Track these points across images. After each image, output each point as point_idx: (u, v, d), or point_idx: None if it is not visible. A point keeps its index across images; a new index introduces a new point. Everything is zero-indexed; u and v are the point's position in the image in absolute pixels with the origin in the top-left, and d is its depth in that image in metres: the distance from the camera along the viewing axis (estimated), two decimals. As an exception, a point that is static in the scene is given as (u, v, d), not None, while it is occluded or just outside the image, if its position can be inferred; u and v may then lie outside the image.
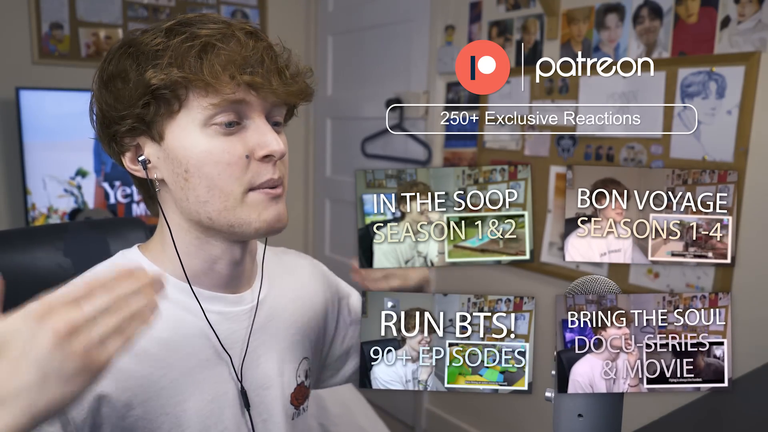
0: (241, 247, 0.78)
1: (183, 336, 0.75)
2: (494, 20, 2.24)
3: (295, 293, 0.90)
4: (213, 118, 0.70)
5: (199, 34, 0.69)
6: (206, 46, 0.68)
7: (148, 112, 0.70)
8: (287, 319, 0.87)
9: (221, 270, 0.78)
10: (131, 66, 0.70)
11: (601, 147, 1.93)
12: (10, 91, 2.33)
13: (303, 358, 0.88)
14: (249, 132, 0.71)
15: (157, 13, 2.71)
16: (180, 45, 0.68)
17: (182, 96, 0.69)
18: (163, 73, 0.68)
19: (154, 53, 0.69)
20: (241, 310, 0.80)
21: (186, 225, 0.75)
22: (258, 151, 0.71)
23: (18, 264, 0.91)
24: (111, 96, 0.71)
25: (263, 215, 0.72)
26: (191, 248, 0.76)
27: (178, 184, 0.72)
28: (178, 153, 0.71)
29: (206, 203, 0.71)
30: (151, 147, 0.72)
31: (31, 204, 2.34)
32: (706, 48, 1.69)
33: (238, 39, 0.70)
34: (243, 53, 0.69)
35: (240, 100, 0.70)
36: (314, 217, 3.24)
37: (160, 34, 0.70)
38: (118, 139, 0.74)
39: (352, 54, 2.92)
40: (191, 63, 0.68)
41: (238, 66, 0.69)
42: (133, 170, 0.75)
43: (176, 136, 0.71)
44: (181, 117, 0.70)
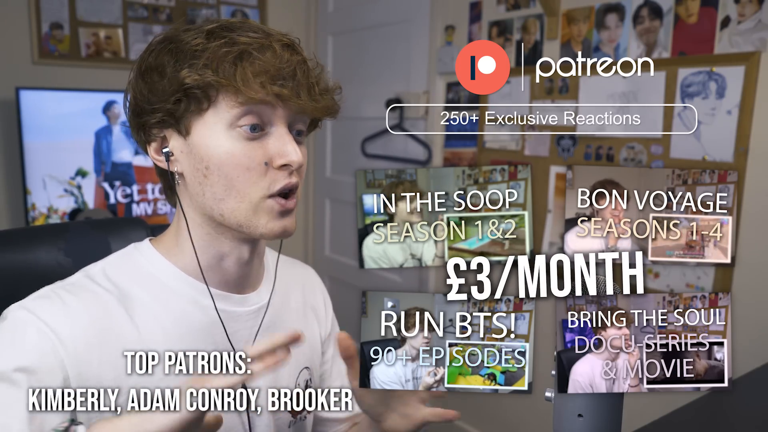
0: (250, 247, 0.79)
1: (188, 330, 0.76)
2: (494, 20, 2.24)
3: (300, 305, 0.92)
4: (239, 119, 0.72)
5: (237, 41, 0.71)
6: (243, 53, 0.71)
7: (179, 108, 0.72)
8: (290, 327, 0.87)
9: (228, 267, 0.79)
10: (169, 62, 0.72)
11: (601, 147, 1.93)
12: (10, 91, 2.33)
13: (303, 368, 0.89)
14: (271, 140, 0.73)
15: (157, 13, 2.71)
16: (218, 49, 0.71)
17: (212, 96, 0.72)
18: (198, 74, 0.70)
19: (193, 53, 0.71)
20: (244, 311, 0.81)
21: (199, 219, 0.77)
22: (277, 160, 0.73)
23: (19, 264, 0.91)
24: (146, 87, 0.73)
25: (270, 224, 0.74)
26: (202, 243, 0.78)
27: (196, 179, 0.74)
28: (201, 150, 0.73)
29: (221, 201, 0.73)
30: (177, 140, 0.75)
31: (31, 204, 2.34)
32: (706, 48, 1.69)
33: (274, 50, 0.72)
34: (277, 64, 0.71)
35: (266, 104, 0.72)
36: (314, 217, 3.24)
37: (201, 35, 0.72)
38: (146, 129, 0.76)
39: (352, 54, 2.92)
40: (226, 68, 0.70)
41: (270, 76, 0.71)
42: (157, 160, 0.77)
43: (202, 133, 0.73)
44: (209, 116, 0.72)
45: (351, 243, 2.88)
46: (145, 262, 0.79)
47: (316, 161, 3.17)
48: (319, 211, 3.20)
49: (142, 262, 0.79)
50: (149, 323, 0.74)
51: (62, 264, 0.93)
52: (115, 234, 0.99)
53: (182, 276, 0.78)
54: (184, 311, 0.77)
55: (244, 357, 0.75)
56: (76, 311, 0.71)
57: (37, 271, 0.91)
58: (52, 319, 0.69)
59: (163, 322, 0.75)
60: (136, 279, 0.77)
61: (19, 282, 0.89)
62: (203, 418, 0.59)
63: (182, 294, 0.77)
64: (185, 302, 0.77)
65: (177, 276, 0.78)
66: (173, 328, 0.75)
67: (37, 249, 0.93)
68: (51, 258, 0.93)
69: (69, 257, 0.94)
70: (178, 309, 0.76)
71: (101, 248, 0.95)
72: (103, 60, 2.63)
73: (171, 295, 0.77)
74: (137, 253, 0.80)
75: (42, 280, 0.78)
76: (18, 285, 0.87)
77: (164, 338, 0.74)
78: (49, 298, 0.72)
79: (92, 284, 0.76)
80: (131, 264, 0.79)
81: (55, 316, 0.70)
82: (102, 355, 0.70)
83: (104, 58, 2.63)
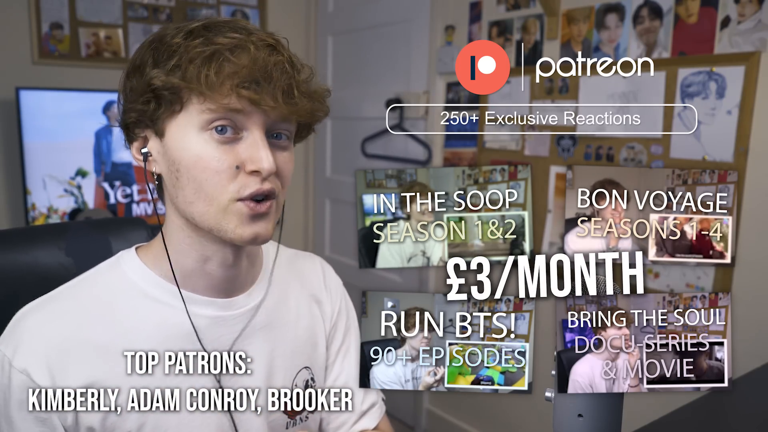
0: (234, 250, 0.78)
1: (166, 337, 0.76)
2: (494, 20, 2.24)
3: (302, 300, 0.90)
4: (210, 123, 0.70)
5: (213, 41, 0.69)
6: (214, 54, 0.68)
7: (148, 109, 0.71)
8: (286, 326, 0.86)
9: (212, 271, 0.78)
10: (149, 61, 0.71)
11: (601, 147, 1.93)
12: (10, 91, 2.33)
13: (303, 368, 0.87)
14: (244, 145, 0.71)
15: (157, 13, 2.71)
16: (192, 49, 0.69)
17: (184, 98, 0.70)
18: (165, 75, 0.69)
19: (170, 53, 0.70)
20: (231, 314, 0.80)
21: (180, 222, 0.76)
22: (248, 165, 0.71)
23: (20, 264, 0.91)
24: (128, 86, 0.73)
25: (239, 230, 0.72)
26: (184, 246, 0.77)
27: (171, 181, 0.73)
28: (174, 152, 0.72)
29: (191, 204, 0.72)
30: (154, 141, 0.74)
31: (31, 204, 2.34)
32: (706, 48, 1.69)
33: (248, 51, 0.69)
34: (249, 66, 0.69)
35: (237, 110, 0.70)
36: (314, 217, 3.24)
37: (181, 34, 0.70)
38: (129, 128, 0.76)
39: (352, 54, 2.92)
40: (192, 70, 0.68)
41: (239, 78, 0.68)
42: (137, 159, 0.77)
43: (174, 135, 0.72)
44: (182, 118, 0.71)
45: (351, 243, 2.88)
46: (128, 269, 0.79)
47: (316, 161, 3.17)
48: (319, 211, 3.20)
49: (126, 270, 0.79)
50: (127, 333, 0.75)
51: (63, 264, 0.93)
52: (115, 234, 0.99)
53: (162, 283, 0.77)
54: (163, 318, 0.76)
55: (244, 357, 0.75)
56: (46, 327, 0.73)
57: (37, 271, 0.91)
58: (21, 362, 0.71)
59: (142, 331, 0.75)
60: (117, 287, 0.77)
61: (19, 282, 0.89)
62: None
63: (162, 301, 0.77)
64: (164, 309, 0.77)
65: (156, 283, 0.77)
66: (152, 336, 0.75)
67: (37, 249, 0.93)
68: (51, 258, 0.93)
69: (69, 257, 0.94)
70: (156, 316, 0.76)
71: (101, 248, 0.95)
72: (103, 60, 2.63)
73: (150, 302, 0.77)
74: (121, 262, 0.80)
75: (42, 280, 0.78)
76: (18, 285, 0.87)
77: (144, 345, 0.74)
78: (13, 333, 0.73)
79: (73, 294, 0.77)
80: (115, 273, 0.79)
81: (22, 354, 0.71)
82: (77, 366, 0.72)
83: (104, 58, 2.63)
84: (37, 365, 0.70)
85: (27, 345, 0.71)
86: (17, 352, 0.71)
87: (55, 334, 0.72)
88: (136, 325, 0.75)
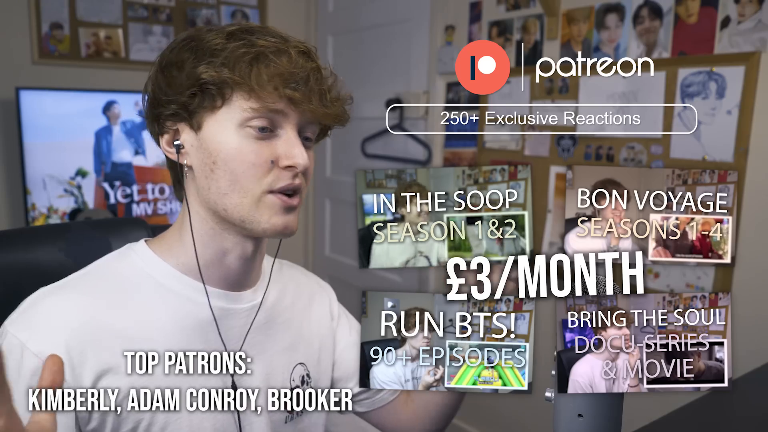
0: (254, 244, 0.81)
1: (181, 328, 0.77)
2: (494, 20, 2.24)
3: (295, 302, 0.93)
4: (249, 120, 0.74)
5: (256, 43, 0.74)
6: (259, 55, 0.73)
7: (193, 102, 0.75)
8: (283, 324, 0.89)
9: (230, 264, 0.80)
10: (189, 58, 0.75)
11: (601, 147, 1.93)
12: (10, 91, 2.33)
13: (298, 363, 0.89)
14: (279, 141, 0.75)
15: (157, 13, 2.71)
16: (237, 49, 0.73)
17: (227, 94, 0.74)
18: (215, 71, 0.73)
19: (212, 51, 0.74)
20: (239, 308, 0.83)
21: (204, 214, 0.78)
22: (283, 161, 0.75)
23: (20, 264, 0.91)
24: (164, 80, 0.76)
25: (272, 219, 0.76)
26: (206, 238, 0.79)
27: (204, 173, 0.76)
28: (211, 145, 0.75)
29: (225, 196, 0.75)
30: (188, 134, 0.77)
31: (31, 204, 2.34)
32: (706, 48, 1.69)
33: (290, 55, 0.74)
34: (291, 69, 0.74)
35: (278, 111, 0.74)
36: (314, 217, 3.24)
37: (221, 36, 0.75)
38: (160, 121, 0.78)
39: (352, 54, 2.92)
40: (242, 67, 0.73)
41: (283, 79, 0.73)
42: (168, 152, 0.79)
43: (213, 129, 0.75)
44: (222, 113, 0.75)
45: (351, 243, 2.88)
46: (139, 260, 0.80)
47: (316, 161, 3.17)
48: (319, 211, 3.20)
49: (137, 260, 0.80)
50: (142, 321, 0.75)
51: (63, 264, 0.93)
52: (115, 234, 0.99)
53: (177, 274, 0.79)
54: (178, 308, 0.78)
55: (244, 357, 0.76)
56: (65, 312, 0.73)
57: (37, 271, 0.91)
58: (37, 345, 0.70)
59: (157, 320, 0.76)
60: (130, 277, 0.78)
61: (19, 282, 0.89)
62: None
63: (176, 292, 0.79)
64: (179, 300, 0.79)
65: (172, 274, 0.79)
66: (167, 326, 0.77)
67: (37, 249, 0.93)
68: (51, 258, 0.93)
69: (69, 257, 0.94)
70: (171, 306, 0.78)
71: (101, 248, 0.95)
72: (103, 60, 2.63)
73: (165, 292, 0.78)
74: (132, 252, 0.81)
75: (42, 281, 0.78)
76: (18, 285, 0.87)
77: (159, 335, 0.75)
78: (25, 314, 0.73)
79: (87, 282, 0.77)
80: (126, 263, 0.80)
81: (38, 338, 0.71)
82: (96, 351, 0.72)
83: (104, 58, 2.63)
84: (55, 350, 0.69)
85: (44, 329, 0.71)
86: (33, 336, 0.70)
87: (74, 318, 0.72)
88: (152, 314, 0.76)
